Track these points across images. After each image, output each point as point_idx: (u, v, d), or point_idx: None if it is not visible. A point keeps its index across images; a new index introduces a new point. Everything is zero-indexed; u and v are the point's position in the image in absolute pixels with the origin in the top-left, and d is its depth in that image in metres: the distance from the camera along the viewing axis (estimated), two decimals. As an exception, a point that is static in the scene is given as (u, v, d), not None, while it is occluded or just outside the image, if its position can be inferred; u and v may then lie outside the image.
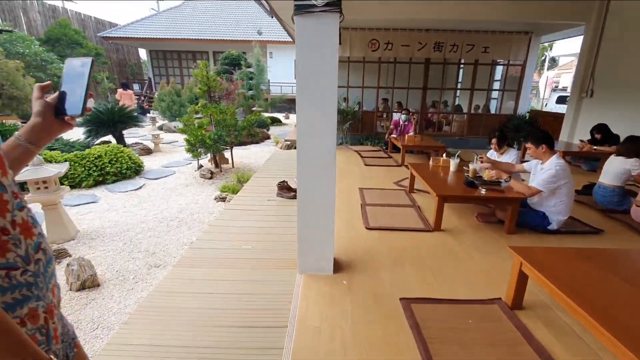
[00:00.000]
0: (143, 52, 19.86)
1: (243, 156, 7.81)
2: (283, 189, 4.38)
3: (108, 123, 7.46)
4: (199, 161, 6.58)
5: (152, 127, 11.14)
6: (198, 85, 6.65)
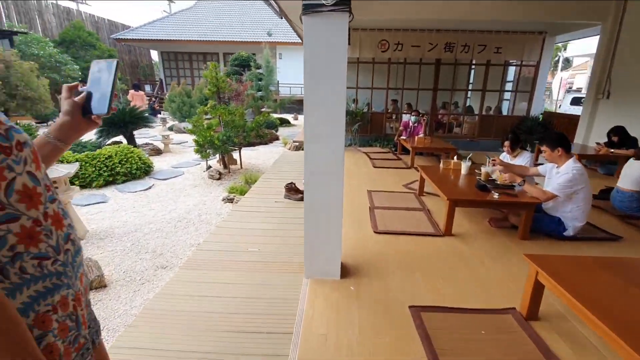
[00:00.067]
0: (155, 54, 20.12)
1: (251, 157, 7.82)
2: (291, 191, 4.35)
3: (119, 124, 7.56)
4: (208, 162, 6.60)
5: (163, 128, 11.25)
6: (208, 86, 6.67)
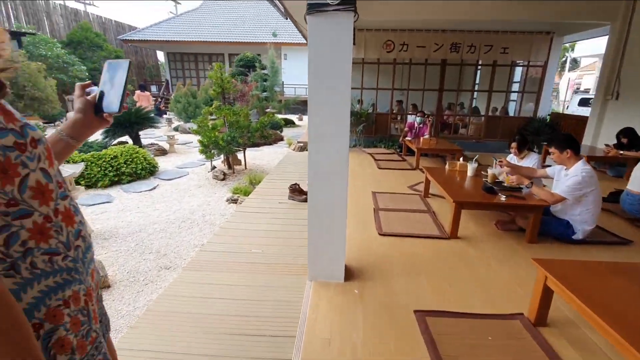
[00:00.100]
0: (161, 55, 20.29)
1: (256, 158, 7.81)
2: (295, 192, 4.33)
3: (125, 124, 7.58)
4: (212, 162, 6.61)
5: (168, 128, 11.30)
6: (213, 87, 6.68)
